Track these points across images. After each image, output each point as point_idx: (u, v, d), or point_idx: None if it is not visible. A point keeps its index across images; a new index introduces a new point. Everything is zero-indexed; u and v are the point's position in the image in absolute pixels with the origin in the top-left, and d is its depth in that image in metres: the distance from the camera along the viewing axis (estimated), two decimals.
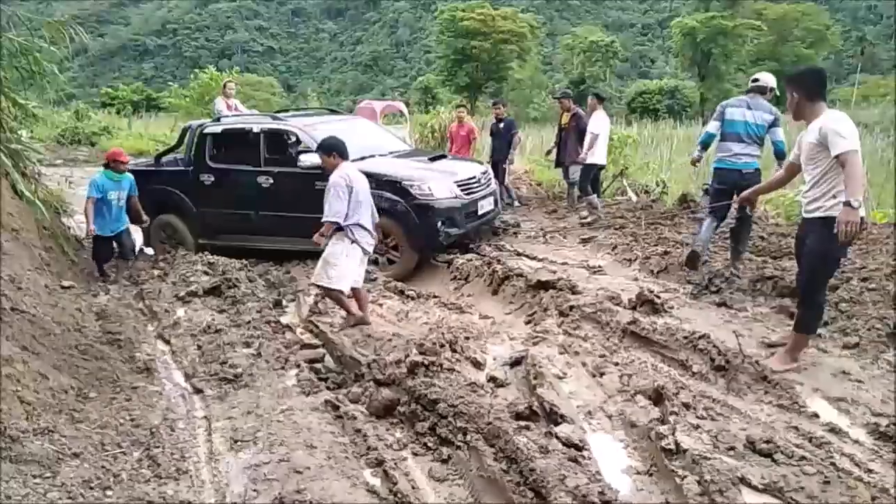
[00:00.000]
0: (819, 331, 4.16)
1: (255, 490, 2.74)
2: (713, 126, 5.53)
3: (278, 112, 8.42)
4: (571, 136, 8.62)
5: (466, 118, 10.03)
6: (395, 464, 2.94)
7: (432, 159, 7.20)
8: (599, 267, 6.06)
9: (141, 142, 18.16)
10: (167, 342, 4.61)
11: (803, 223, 3.81)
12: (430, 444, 3.15)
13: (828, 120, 3.50)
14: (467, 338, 4.29)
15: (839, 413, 3.23)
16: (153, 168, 7.59)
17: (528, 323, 4.88)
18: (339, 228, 4.57)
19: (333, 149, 4.65)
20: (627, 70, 71.85)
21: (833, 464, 2.73)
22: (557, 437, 2.98)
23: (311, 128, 6.79)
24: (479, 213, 6.75)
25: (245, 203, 6.89)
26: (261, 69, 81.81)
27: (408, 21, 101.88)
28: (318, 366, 4.24)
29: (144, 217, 6.60)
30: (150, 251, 7.30)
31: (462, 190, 6.49)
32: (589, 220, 7.85)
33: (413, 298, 5.50)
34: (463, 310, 5.23)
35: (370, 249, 4.85)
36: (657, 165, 11.10)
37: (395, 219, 6.15)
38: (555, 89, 39.73)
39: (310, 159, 6.18)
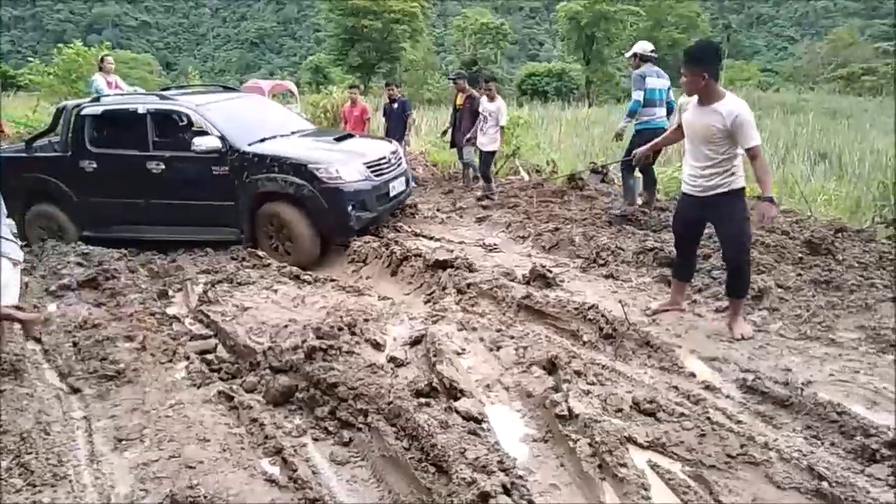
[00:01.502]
0: (694, 296, 4.50)
1: (143, 490, 2.59)
2: (639, 94, 6.37)
3: (164, 90, 7.79)
4: (466, 117, 8.72)
5: (359, 98, 9.87)
6: (295, 450, 2.87)
7: (338, 139, 6.89)
8: (494, 245, 6.20)
9: None
10: (37, 340, 4.23)
11: (695, 201, 3.86)
12: (330, 429, 3.10)
13: (741, 109, 3.53)
14: (366, 320, 4.25)
15: (713, 371, 3.50)
16: (24, 154, 6.86)
17: (427, 302, 4.91)
18: None
19: None
20: (517, 52, 73.56)
21: (708, 418, 2.96)
22: (457, 412, 3.03)
23: (204, 108, 6.33)
24: (391, 194, 6.55)
25: (134, 191, 6.35)
26: (136, 45, 76.31)
27: None
28: (210, 356, 4.04)
29: None
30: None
31: (372, 172, 6.25)
32: (484, 199, 8.00)
33: (309, 283, 5.37)
34: (362, 292, 5.17)
35: None
36: (547, 145, 11.48)
37: (299, 205, 5.90)
38: (448, 71, 39.98)
39: (205, 143, 5.94)
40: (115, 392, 3.46)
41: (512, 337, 3.98)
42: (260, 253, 5.93)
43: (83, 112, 6.52)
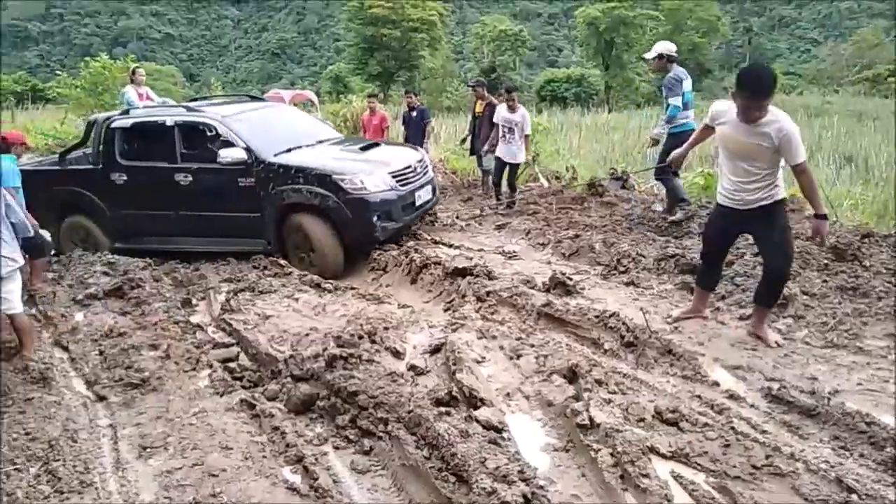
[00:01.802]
0: (717, 304, 4.44)
1: (167, 497, 2.62)
2: (678, 100, 6.21)
3: (192, 101, 7.86)
4: (485, 125, 8.71)
5: (378, 107, 9.93)
6: (316, 459, 2.89)
7: (364, 148, 6.77)
8: (514, 252, 6.19)
9: (27, 136, 16.80)
10: (65, 349, 4.31)
11: (734, 213, 3.76)
12: (351, 437, 3.11)
13: (790, 126, 3.41)
14: (386, 328, 4.27)
15: (737, 380, 3.45)
16: (59, 167, 6.97)
17: (446, 310, 4.91)
18: None
19: None
20: (535, 59, 73.50)
21: (732, 428, 2.92)
22: (477, 421, 3.03)
23: (230, 119, 6.31)
24: (417, 203, 6.44)
25: (163, 203, 6.37)
26: (160, 57, 77.61)
27: (315, 8, 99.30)
28: (233, 365, 4.09)
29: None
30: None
31: (397, 181, 6.15)
32: (506, 207, 7.94)
33: (330, 291, 5.41)
34: (381, 300, 5.19)
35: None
36: (566, 152, 11.44)
37: (324, 216, 5.85)
38: (467, 78, 40.09)
39: (231, 154, 5.90)
40: (140, 400, 3.52)
41: (532, 345, 3.96)
42: (282, 262, 5.98)
43: (113, 125, 6.55)
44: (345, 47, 51.71)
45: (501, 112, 7.88)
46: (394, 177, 6.14)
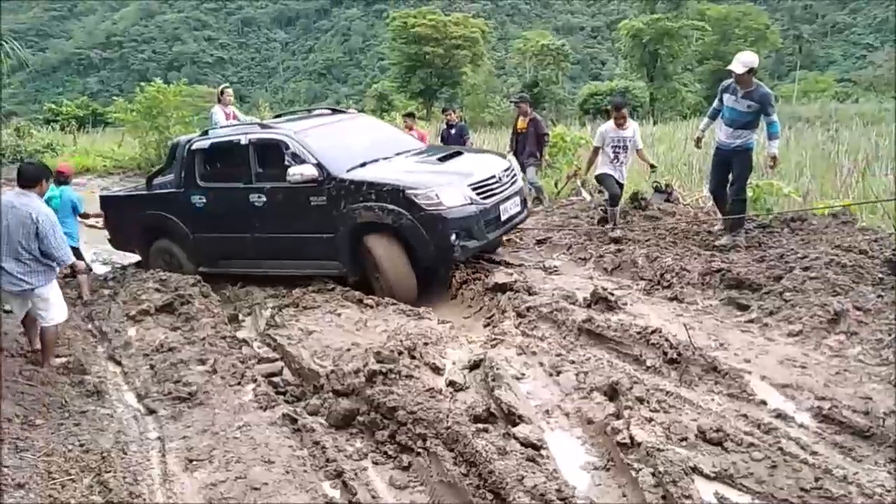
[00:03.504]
0: (765, 320, 4.32)
1: None
2: (775, 115, 6.03)
3: (276, 117, 7.68)
4: (530, 141, 8.68)
5: (416, 125, 10.04)
6: (355, 474, 2.93)
7: (443, 158, 6.18)
8: (555, 267, 6.14)
9: (87, 158, 17.62)
10: (118, 363, 4.50)
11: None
12: (390, 453, 3.14)
13: None
14: (426, 343, 4.29)
15: (785, 399, 3.34)
16: (145, 192, 6.99)
17: (486, 326, 4.91)
18: None
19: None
20: (579, 72, 73.05)
21: (780, 448, 2.83)
22: (515, 438, 3.01)
23: (302, 134, 5.96)
24: (503, 218, 5.81)
25: (238, 225, 6.15)
26: (211, 80, 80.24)
27: (360, 29, 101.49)
28: (276, 379, 4.19)
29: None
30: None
31: (479, 193, 5.54)
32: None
33: (371, 307, 5.47)
34: (421, 316, 5.21)
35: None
36: None
37: (398, 236, 5.41)
38: (510, 94, 40.14)
39: (301, 171, 5.57)
40: (187, 413, 3.63)
41: (572, 361, 3.93)
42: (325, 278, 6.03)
43: (193, 147, 6.40)
44: (389, 66, 52.49)
45: (608, 131, 6.89)
46: (475, 189, 5.55)
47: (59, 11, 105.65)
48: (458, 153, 6.47)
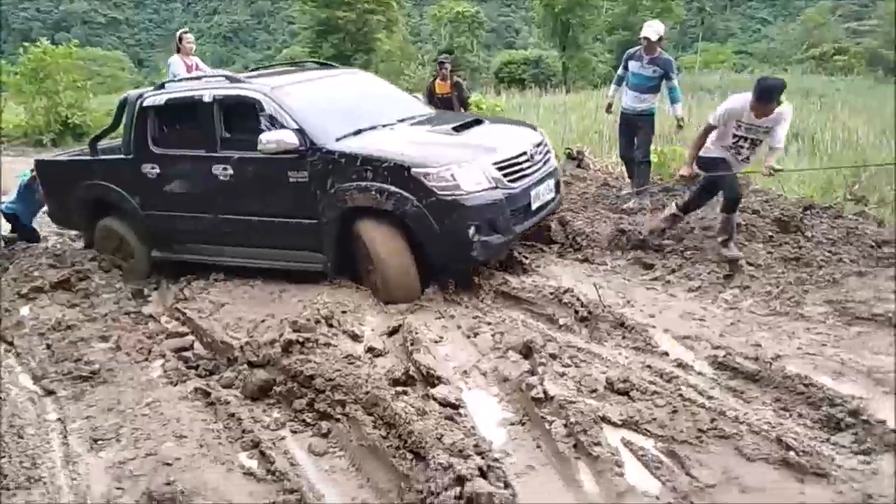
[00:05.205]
0: (668, 277, 4.56)
1: (119, 488, 2.59)
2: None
3: (254, 69, 6.41)
4: (455, 107, 8.21)
5: None
6: (273, 443, 2.89)
7: (459, 128, 4.90)
8: None
9: None
10: (10, 344, 4.19)
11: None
12: (308, 421, 3.12)
13: None
14: (343, 312, 4.24)
15: (685, 350, 3.55)
16: (87, 157, 5.74)
17: None
18: None
19: None
20: (493, 40, 73.22)
21: (680, 395, 3.02)
22: (434, 399, 3.07)
23: (280, 91, 4.79)
24: (535, 206, 4.69)
25: (198, 202, 5.07)
26: (105, 42, 75.00)
27: None
28: (187, 354, 4.04)
29: None
30: None
31: (506, 175, 4.42)
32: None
33: (286, 278, 5.34)
34: (340, 284, 5.16)
35: None
36: None
37: (400, 225, 4.32)
38: (426, 61, 39.79)
39: (275, 139, 4.42)
40: (90, 393, 3.45)
41: (489, 323, 4.01)
42: None
43: (145, 103, 5.17)
44: (299, 30, 50.59)
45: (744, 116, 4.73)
46: (500, 168, 4.42)
47: None
48: (478, 121, 5.27)
